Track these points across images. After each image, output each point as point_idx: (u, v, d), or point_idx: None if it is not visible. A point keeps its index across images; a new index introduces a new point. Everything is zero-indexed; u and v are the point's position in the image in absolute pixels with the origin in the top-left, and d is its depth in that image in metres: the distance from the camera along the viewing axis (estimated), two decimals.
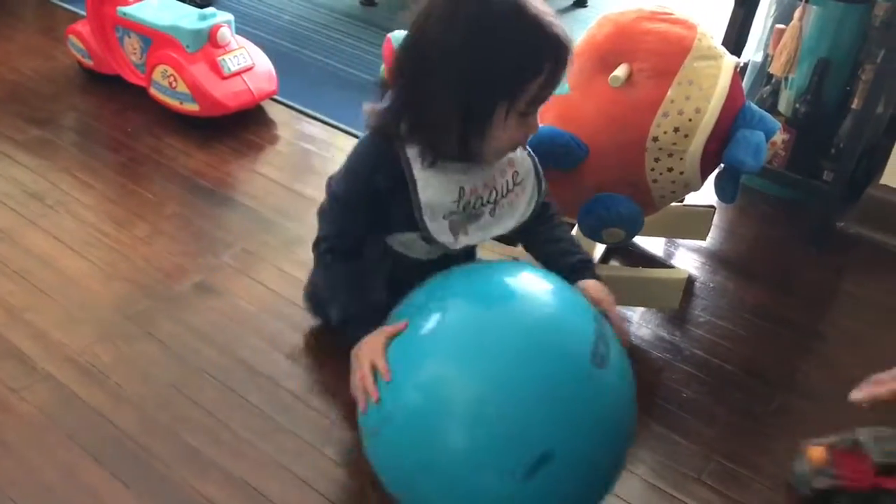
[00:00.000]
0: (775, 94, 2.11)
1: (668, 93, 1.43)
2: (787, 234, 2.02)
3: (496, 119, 1.07)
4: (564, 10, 3.19)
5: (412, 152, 1.13)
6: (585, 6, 3.22)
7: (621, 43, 1.47)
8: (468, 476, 0.98)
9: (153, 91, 2.22)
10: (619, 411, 1.05)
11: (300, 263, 1.74)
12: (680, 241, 1.93)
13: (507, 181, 1.22)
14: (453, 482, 0.99)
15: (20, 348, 1.48)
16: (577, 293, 1.14)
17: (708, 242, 1.93)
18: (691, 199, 1.88)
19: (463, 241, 1.20)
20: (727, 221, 2.03)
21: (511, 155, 1.20)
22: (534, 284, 1.10)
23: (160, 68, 2.17)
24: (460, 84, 1.04)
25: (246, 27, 2.65)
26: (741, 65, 2.21)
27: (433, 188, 1.14)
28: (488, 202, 1.20)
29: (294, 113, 2.33)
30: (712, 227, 1.92)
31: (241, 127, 2.22)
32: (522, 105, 1.07)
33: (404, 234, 1.23)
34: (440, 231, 1.17)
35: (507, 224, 1.25)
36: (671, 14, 1.49)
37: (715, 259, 1.90)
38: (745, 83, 2.25)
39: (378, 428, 1.04)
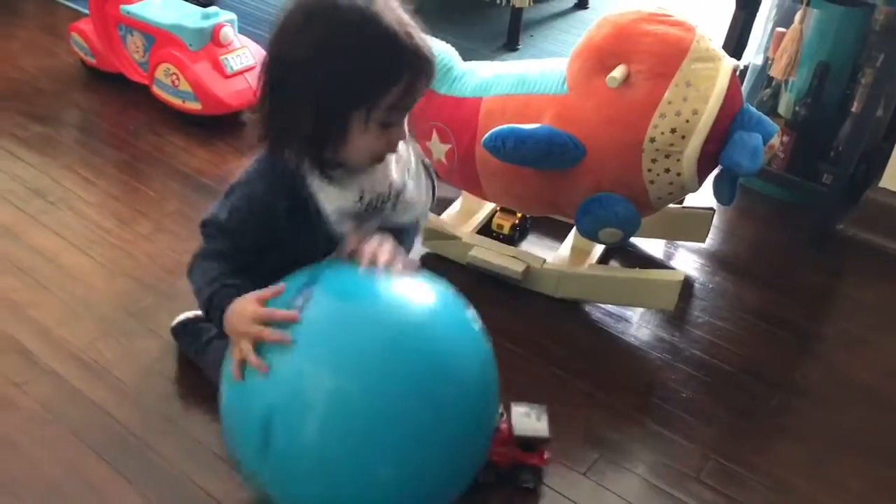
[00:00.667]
0: (775, 96, 2.12)
1: (666, 94, 1.44)
2: (786, 236, 2.02)
3: (353, 129, 1.08)
4: (566, 13, 3.20)
5: (305, 167, 1.13)
6: (587, 8, 3.23)
7: (619, 44, 1.48)
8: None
9: (155, 89, 2.23)
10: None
11: None
12: (679, 242, 1.94)
13: (403, 175, 1.25)
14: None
15: (23, 344, 1.49)
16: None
17: (707, 244, 1.94)
18: (690, 200, 1.90)
19: None
20: (727, 223, 2.04)
21: (400, 151, 1.21)
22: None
23: (163, 66, 2.18)
24: (313, 94, 1.06)
25: (248, 27, 2.65)
26: (741, 67, 2.22)
27: (334, 195, 1.15)
28: (389, 198, 1.23)
29: None
30: (712, 229, 1.93)
31: (243, 125, 2.24)
32: (380, 115, 1.08)
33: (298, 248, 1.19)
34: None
35: (412, 214, 1.29)
36: (670, 16, 1.50)
37: (714, 260, 1.91)
38: (746, 86, 2.26)
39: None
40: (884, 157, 1.99)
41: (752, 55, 2.31)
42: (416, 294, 1.10)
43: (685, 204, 1.91)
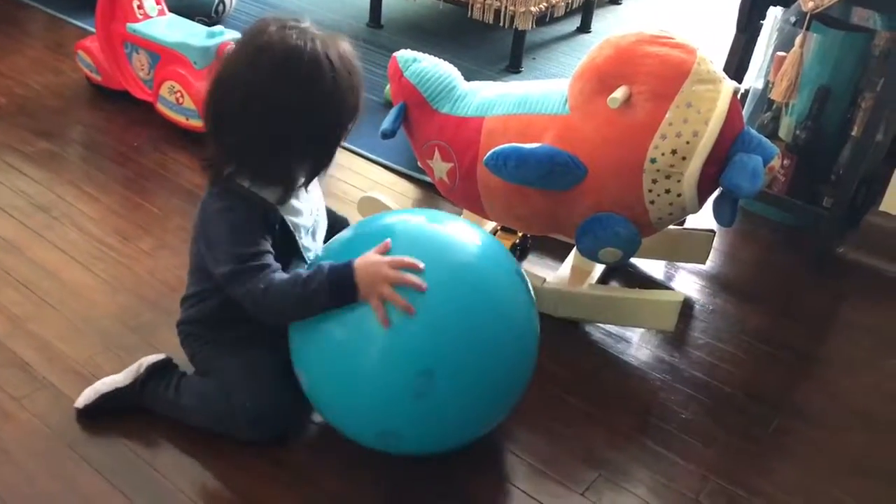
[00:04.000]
0: (776, 119, 2.13)
1: (667, 115, 1.45)
2: (787, 258, 2.03)
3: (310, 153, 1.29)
4: (568, 36, 3.22)
5: (267, 194, 1.27)
6: (589, 31, 3.26)
7: (621, 65, 1.49)
8: None
9: (160, 106, 2.25)
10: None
11: None
12: (680, 263, 1.94)
13: (317, 191, 1.45)
14: None
15: (23, 358, 1.49)
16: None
17: (708, 266, 1.94)
18: (692, 222, 1.90)
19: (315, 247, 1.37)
20: (728, 245, 2.05)
21: None
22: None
23: (167, 84, 2.20)
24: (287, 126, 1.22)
25: None
26: (741, 90, 2.24)
27: (295, 214, 1.32)
28: (318, 212, 1.42)
29: None
30: (713, 251, 1.93)
31: None
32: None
33: None
34: (309, 245, 1.35)
35: (326, 222, 1.47)
36: (672, 38, 1.51)
37: (715, 282, 1.91)
38: (746, 109, 2.28)
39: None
40: (884, 181, 2.00)
41: (753, 79, 2.32)
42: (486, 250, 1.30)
43: (686, 225, 1.91)
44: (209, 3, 2.85)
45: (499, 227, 1.89)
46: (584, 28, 3.26)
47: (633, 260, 1.91)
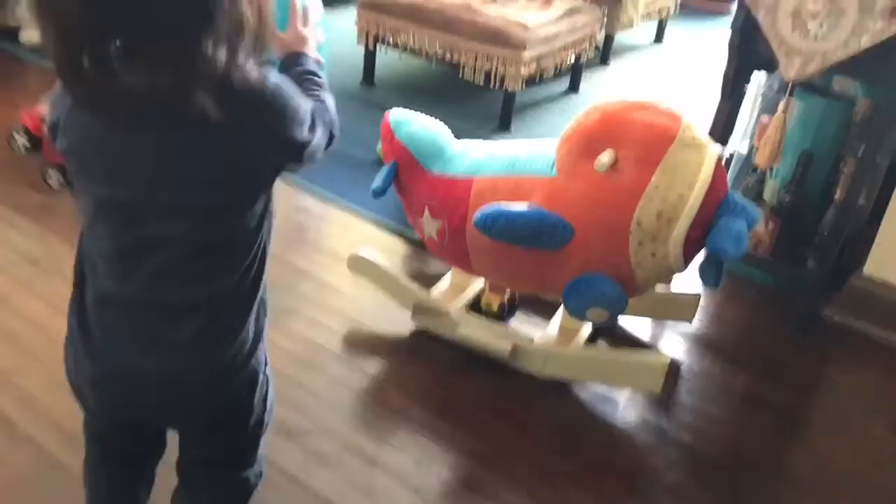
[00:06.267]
0: (761, 183, 2.17)
1: (652, 179, 1.48)
2: (773, 320, 2.04)
3: None
4: (557, 96, 3.28)
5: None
6: (577, 92, 3.32)
7: (608, 130, 1.53)
8: None
9: None
10: None
11: (290, 335, 1.76)
12: (667, 323, 1.96)
13: None
14: None
15: (5, 411, 1.48)
16: None
17: (694, 327, 1.95)
18: (678, 282, 1.92)
19: None
20: (714, 306, 2.06)
21: None
22: None
23: None
24: None
25: None
26: (726, 155, 2.28)
27: None
28: None
29: (291, 186, 2.38)
30: (699, 311, 1.95)
31: None
32: None
33: None
34: None
35: None
36: (656, 105, 1.54)
37: (701, 343, 1.92)
38: (732, 172, 2.32)
39: None
40: (867, 243, 2.03)
41: (738, 142, 2.37)
42: None
43: (673, 287, 1.93)
44: None
45: (487, 285, 1.90)
46: (573, 88, 3.32)
47: (621, 318, 1.92)
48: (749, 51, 1.91)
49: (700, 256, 1.59)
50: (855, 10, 1.62)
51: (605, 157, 1.50)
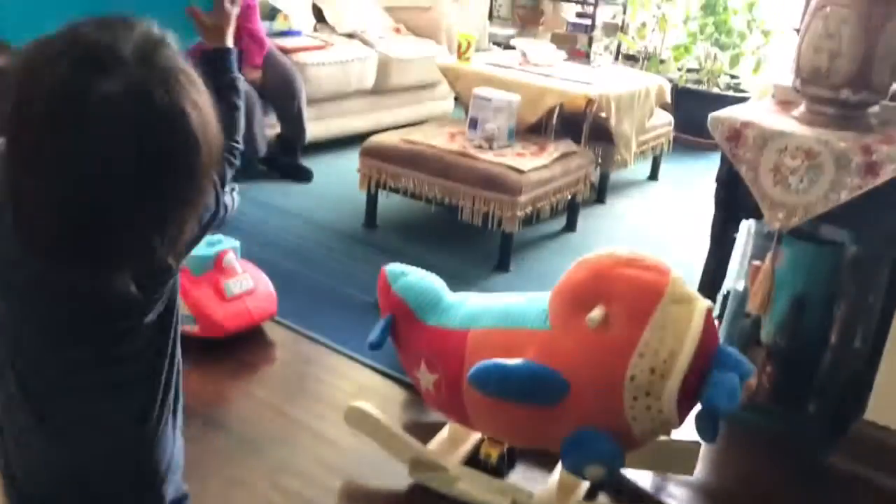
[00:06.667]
0: (756, 325, 2.18)
1: (643, 335, 1.50)
2: (775, 467, 2.01)
3: None
4: (555, 235, 3.35)
5: None
6: (574, 231, 3.39)
7: (597, 286, 1.56)
8: None
9: None
10: None
11: (284, 492, 1.74)
12: (668, 474, 1.93)
13: None
14: None
15: None
16: None
17: (696, 477, 1.92)
18: (678, 432, 1.90)
19: None
20: (715, 454, 2.03)
21: None
22: None
23: None
24: None
25: (253, 247, 2.78)
26: (722, 294, 2.31)
27: None
28: None
29: (292, 334, 2.40)
30: (700, 461, 1.92)
31: (240, 347, 2.28)
32: None
33: None
34: None
35: None
36: (643, 260, 1.59)
37: (703, 493, 1.89)
38: (727, 312, 2.33)
39: None
40: (868, 386, 2.02)
41: (734, 280, 2.40)
42: None
43: (672, 436, 1.91)
44: None
45: (486, 437, 1.89)
46: (570, 227, 3.40)
47: (622, 470, 1.89)
48: (735, 201, 1.98)
49: (696, 409, 1.59)
50: (832, 167, 1.69)
51: (596, 314, 1.53)
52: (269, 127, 3.62)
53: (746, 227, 2.37)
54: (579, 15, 5.50)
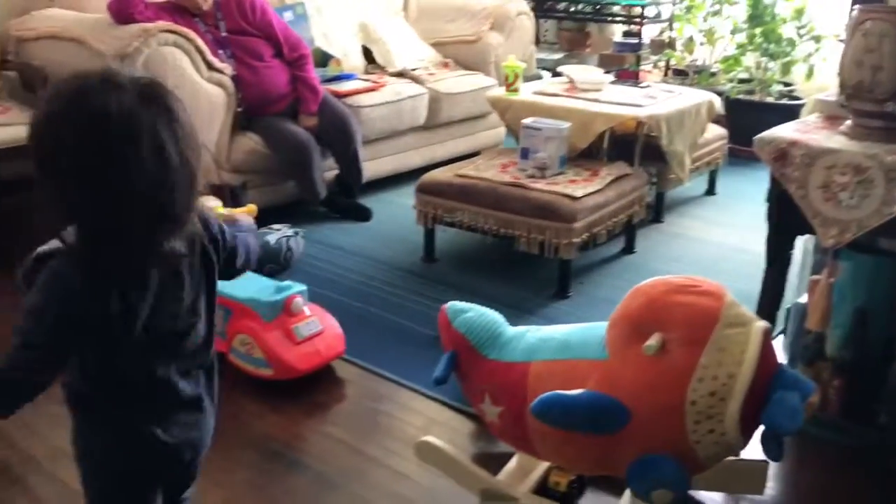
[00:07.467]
0: (820, 339, 2.17)
1: (701, 360, 1.52)
2: (847, 481, 1.99)
3: None
4: (613, 258, 3.37)
5: None
6: (633, 252, 3.41)
7: (653, 314, 1.60)
8: None
9: (232, 357, 2.42)
10: None
11: None
12: (739, 495, 1.93)
13: None
14: None
15: None
16: None
17: (768, 496, 1.92)
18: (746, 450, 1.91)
19: None
20: (786, 472, 2.03)
21: None
22: None
23: (239, 337, 2.38)
24: None
25: (318, 288, 2.88)
26: (788, 309, 2.30)
27: None
28: None
29: (361, 371, 2.48)
30: (771, 479, 1.92)
31: (312, 387, 2.37)
32: None
33: None
34: None
35: None
36: (698, 285, 1.61)
37: None
38: (791, 327, 2.33)
39: None
40: None
41: (796, 295, 2.39)
42: None
43: (739, 455, 1.92)
44: (277, 251, 3.11)
45: (554, 466, 1.92)
46: (629, 249, 3.41)
47: (693, 492, 1.91)
48: (788, 219, 1.98)
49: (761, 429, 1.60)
50: (882, 181, 1.69)
51: (653, 341, 1.56)
52: (327, 170, 3.74)
53: (803, 241, 2.37)
54: (626, 34, 5.54)
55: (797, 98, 4.76)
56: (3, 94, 3.51)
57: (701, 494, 1.93)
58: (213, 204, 2.29)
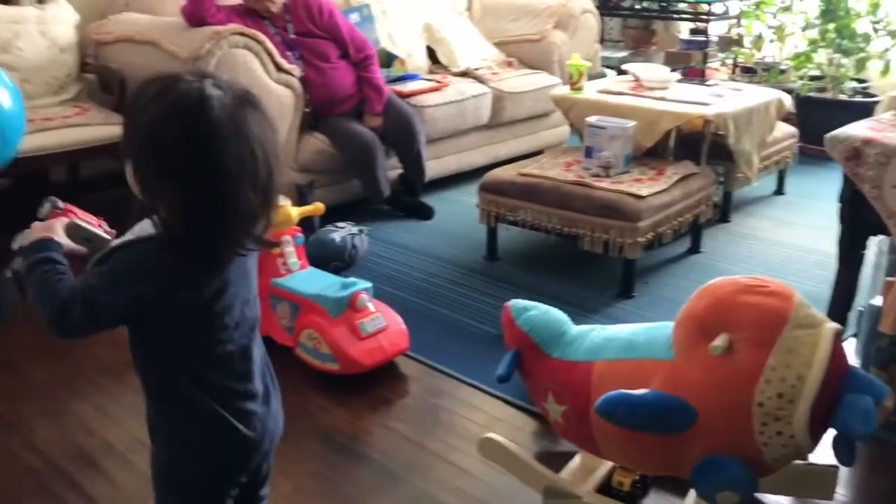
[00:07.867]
0: (895, 342, 2.11)
1: (769, 361, 1.50)
2: None
3: None
4: (679, 257, 3.33)
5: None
6: (700, 252, 3.36)
7: (719, 314, 1.58)
8: None
9: (299, 351, 2.47)
10: None
11: None
12: (806, 499, 1.90)
13: None
14: None
15: None
16: None
17: (837, 502, 1.88)
18: (815, 455, 1.87)
19: None
20: (858, 477, 1.98)
21: None
22: None
23: (307, 332, 2.43)
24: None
25: (382, 285, 2.92)
26: (860, 311, 2.25)
27: None
28: None
29: (424, 367, 2.51)
30: (841, 484, 1.88)
31: (376, 382, 2.41)
32: None
33: None
34: None
35: None
36: (766, 285, 1.59)
37: None
38: (863, 330, 2.27)
39: None
40: None
41: (868, 296, 2.33)
42: None
43: (808, 459, 1.89)
44: (342, 248, 3.17)
45: (618, 465, 1.92)
46: (695, 249, 3.36)
47: (757, 495, 1.88)
48: (861, 219, 1.94)
49: (832, 432, 1.58)
50: None
51: (720, 342, 1.55)
52: (391, 169, 3.78)
53: (877, 241, 2.31)
54: (693, 32, 5.45)
55: (871, 95, 4.62)
56: (83, 95, 3.65)
57: (768, 498, 1.90)
58: (282, 203, 2.35)
